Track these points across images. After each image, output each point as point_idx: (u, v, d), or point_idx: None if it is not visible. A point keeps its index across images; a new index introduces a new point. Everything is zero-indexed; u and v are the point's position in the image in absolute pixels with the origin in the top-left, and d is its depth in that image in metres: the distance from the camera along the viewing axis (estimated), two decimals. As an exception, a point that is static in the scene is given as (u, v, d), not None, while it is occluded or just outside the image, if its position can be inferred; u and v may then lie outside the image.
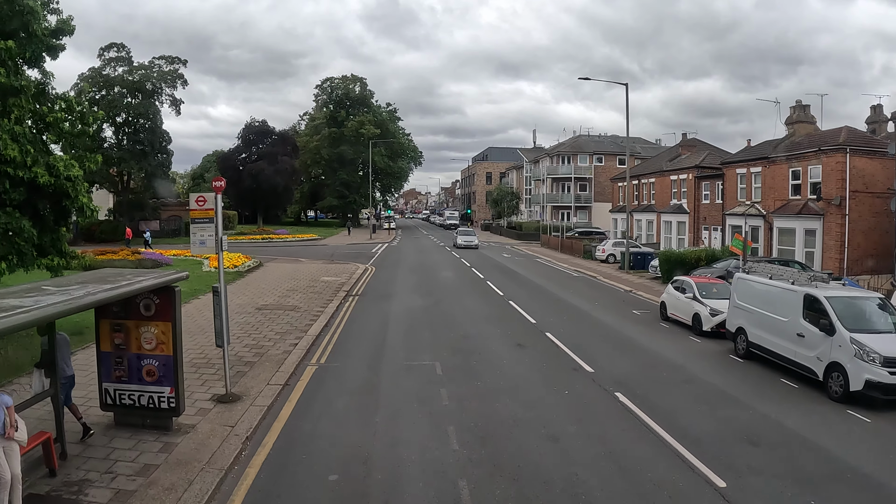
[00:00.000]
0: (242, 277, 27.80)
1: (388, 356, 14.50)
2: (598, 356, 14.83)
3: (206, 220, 10.97)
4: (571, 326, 18.52)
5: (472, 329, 17.67)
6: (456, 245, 50.85)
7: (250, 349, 14.77)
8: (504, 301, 23.03)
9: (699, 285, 19.20)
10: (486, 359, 14.28)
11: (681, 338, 17.76)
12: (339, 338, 16.42)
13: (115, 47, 53.23)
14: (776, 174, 32.58)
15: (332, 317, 19.28)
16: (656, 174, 45.93)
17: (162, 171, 53.38)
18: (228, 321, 11.36)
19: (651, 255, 36.00)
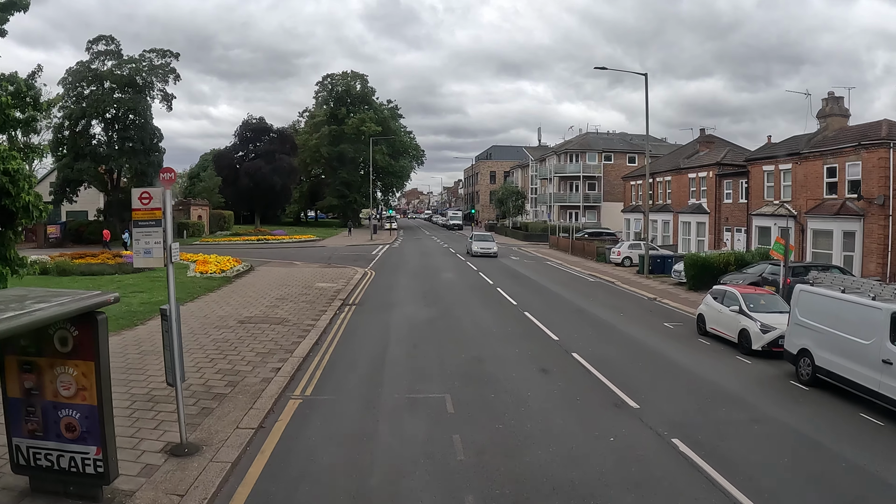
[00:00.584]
0: (229, 283, 25.36)
1: (387, 385, 12.05)
2: (639, 385, 12.38)
3: (152, 223, 8.52)
4: (600, 344, 16.07)
5: (485, 348, 15.21)
6: (471, 253, 42.72)
7: (223, 376, 12.32)
8: (518, 312, 20.57)
9: (745, 296, 16.73)
10: (505, 389, 11.82)
11: (727, 358, 15.31)
12: (330, 359, 13.97)
13: (104, 40, 50.77)
14: (809, 171, 30.09)
15: (325, 332, 16.84)
16: (673, 172, 43.43)
17: (153, 169, 50.86)
18: (182, 353, 8.89)
19: (671, 258, 33.58)
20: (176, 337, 8.64)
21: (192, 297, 21.52)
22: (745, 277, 25.01)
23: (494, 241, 45.33)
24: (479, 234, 47.42)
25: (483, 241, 44.35)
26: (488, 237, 46.16)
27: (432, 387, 11.90)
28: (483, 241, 44.14)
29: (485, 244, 43.39)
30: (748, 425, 10.50)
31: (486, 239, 45.10)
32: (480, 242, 43.84)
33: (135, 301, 20.16)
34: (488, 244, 43.48)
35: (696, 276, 26.89)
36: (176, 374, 8.69)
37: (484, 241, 44.38)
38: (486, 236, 46.47)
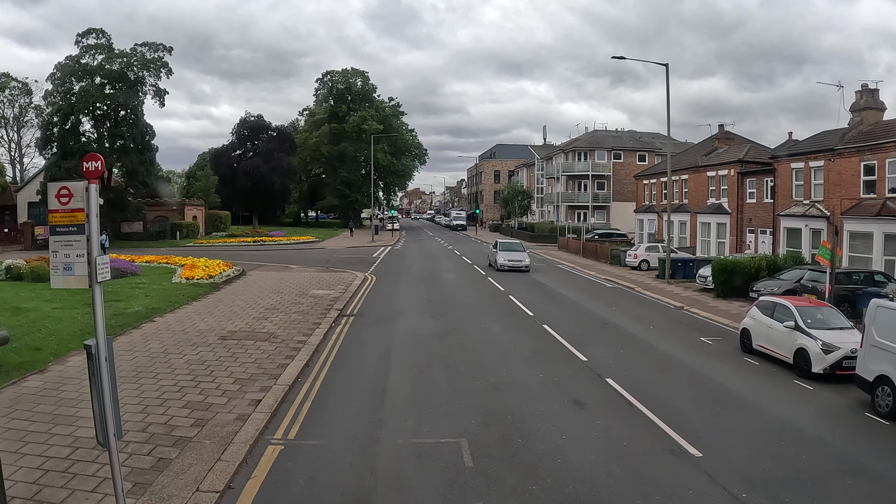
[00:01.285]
0: (217, 291, 23.20)
1: (388, 424, 9.88)
2: (693, 423, 10.22)
3: (72, 230, 6.34)
4: (635, 366, 13.89)
5: (503, 372, 13.04)
6: (496, 266, 33.75)
7: (191, 411, 10.17)
8: (536, 324, 18.39)
9: (801, 310, 14.55)
10: (533, 431, 9.65)
11: (784, 383, 13.16)
12: (321, 389, 11.81)
13: (94, 33, 48.72)
14: (843, 169, 27.89)
15: (317, 350, 14.68)
16: (690, 170, 41.22)
17: (145, 168, 48.81)
18: (116, 402, 6.71)
19: (693, 262, 31.38)
20: (107, 382, 6.47)
21: (172, 307, 19.38)
22: (781, 284, 22.85)
23: (526, 251, 35.39)
24: (506, 243, 37.16)
25: (511, 250, 34.71)
26: (516, 246, 36.12)
27: (444, 427, 9.73)
28: (511, 252, 34.40)
29: (514, 255, 33.94)
30: (840, 478, 8.39)
31: (515, 248, 35.30)
32: (508, 253, 34.19)
33: (107, 312, 17.84)
34: (518, 255, 33.98)
35: (725, 281, 24.70)
36: (109, 431, 6.53)
37: (512, 250, 34.72)
38: (513, 245, 36.37)
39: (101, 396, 6.45)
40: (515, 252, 34.51)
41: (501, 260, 33.57)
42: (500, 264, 33.39)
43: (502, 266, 33.17)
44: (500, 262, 33.51)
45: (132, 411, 10.10)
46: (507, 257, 33.72)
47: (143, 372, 12.32)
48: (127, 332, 15.92)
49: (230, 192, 70.14)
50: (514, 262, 33.40)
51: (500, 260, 33.64)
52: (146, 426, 9.49)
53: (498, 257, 33.95)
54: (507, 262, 33.41)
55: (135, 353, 13.78)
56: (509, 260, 33.50)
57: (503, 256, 33.82)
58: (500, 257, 33.83)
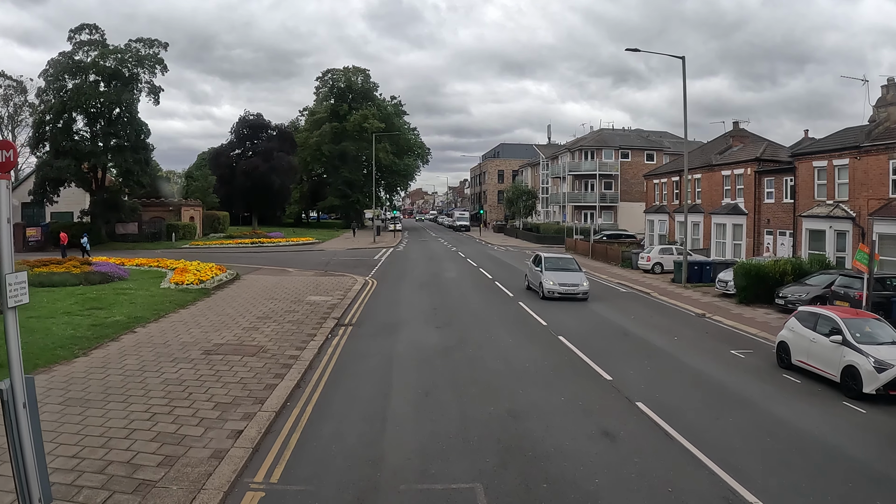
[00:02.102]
0: (207, 297, 21.76)
1: (390, 465, 8.42)
2: (745, 459, 8.75)
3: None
4: (665, 386, 12.41)
5: (520, 395, 11.56)
6: (542, 292, 23.59)
7: (160, 445, 8.73)
8: (551, 336, 16.91)
9: (848, 322, 13.07)
10: (561, 472, 8.18)
11: (834, 406, 11.69)
12: (312, 415, 10.35)
13: (88, 29, 47.38)
14: (870, 167, 26.34)
15: (310, 367, 13.23)
16: (703, 169, 39.68)
17: (140, 167, 47.41)
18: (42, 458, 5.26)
19: (709, 265, 29.91)
20: (27, 436, 5.03)
21: (156, 316, 17.95)
22: (809, 290, 21.39)
23: (582, 270, 25.35)
24: (554, 258, 25.85)
25: (562, 269, 24.53)
26: (568, 263, 25.44)
27: (454, 468, 8.26)
28: (563, 273, 24.15)
29: (567, 278, 23.73)
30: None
31: (567, 266, 24.97)
32: (559, 274, 23.94)
33: (85, 322, 16.63)
34: (572, 277, 23.85)
35: (749, 287, 23.20)
36: (31, 498, 5.08)
37: (564, 269, 24.55)
38: (563, 261, 25.57)
39: (17, 455, 5.01)
40: (568, 272, 24.12)
41: (550, 284, 23.26)
42: (549, 290, 23.14)
43: (550, 293, 23.07)
44: (547, 286, 23.25)
45: (91, 445, 8.69)
46: (557, 280, 23.37)
47: (112, 394, 10.91)
48: (103, 345, 14.52)
49: (229, 192, 68.78)
50: (569, 287, 23.13)
51: (547, 284, 23.30)
52: (105, 465, 8.07)
53: (544, 280, 23.49)
54: (558, 287, 23.12)
55: (108, 371, 12.37)
56: (561, 284, 23.17)
57: (552, 279, 23.42)
58: (548, 280, 23.40)
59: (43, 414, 9.83)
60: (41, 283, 23.01)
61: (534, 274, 25.37)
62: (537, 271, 24.80)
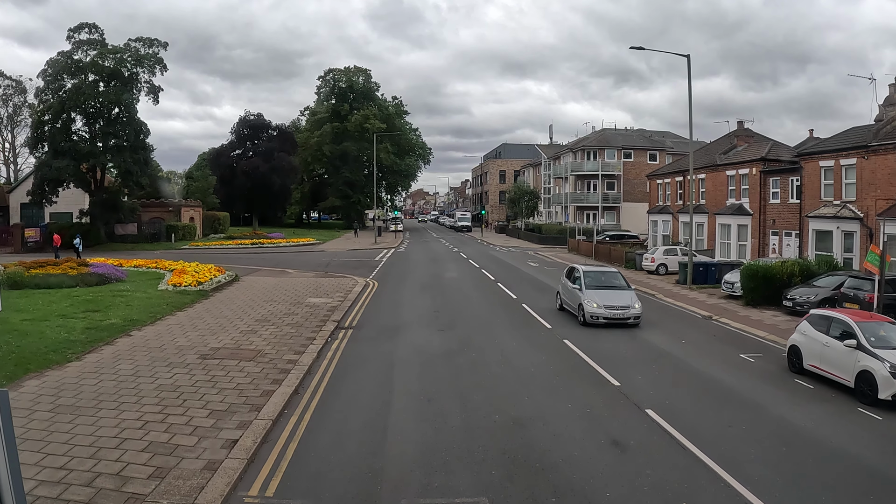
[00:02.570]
0: (205, 299, 21.41)
1: (391, 477, 8.05)
2: (761, 471, 8.38)
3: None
4: (676, 393, 12.04)
5: (525, 401, 11.18)
6: (584, 317, 18.48)
7: (152, 456, 8.38)
8: (556, 339, 16.54)
9: (862, 326, 12.69)
10: (569, 485, 7.81)
11: (849, 412, 11.30)
12: (310, 423, 9.99)
13: (87, 28, 47.02)
14: (879, 167, 25.95)
15: (309, 373, 12.87)
16: (707, 169, 39.29)
17: (139, 167, 47.07)
18: (19, 477, 4.88)
19: (715, 266, 29.54)
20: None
21: (153, 319, 17.61)
22: (818, 292, 21.00)
23: (631, 288, 20.24)
24: (595, 272, 20.85)
25: (607, 286, 19.53)
26: (613, 278, 20.28)
27: (459, 481, 7.89)
28: (609, 291, 19.17)
29: (615, 298, 18.72)
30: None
31: (612, 283, 19.90)
32: (604, 293, 18.92)
33: (80, 325, 16.26)
34: (622, 297, 18.85)
35: (756, 289, 22.81)
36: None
37: (609, 286, 19.55)
38: (607, 276, 20.45)
39: None
40: (615, 291, 19.13)
41: (593, 307, 18.19)
42: (591, 315, 18.13)
43: (593, 318, 18.11)
44: (590, 309, 18.21)
45: (80, 456, 8.33)
46: (602, 301, 18.31)
47: (105, 400, 10.56)
48: (97, 349, 14.17)
49: (229, 192, 68.49)
50: (617, 311, 18.18)
51: (589, 306, 18.24)
52: (93, 478, 7.72)
53: (585, 301, 18.41)
54: (603, 310, 18.10)
55: (101, 376, 12.02)
56: (608, 307, 18.16)
57: (595, 300, 18.34)
58: (590, 301, 18.32)
59: (32, 422, 9.56)
60: (37, 284, 22.70)
61: (570, 293, 20.07)
62: (574, 290, 19.49)
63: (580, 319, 18.69)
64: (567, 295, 20.60)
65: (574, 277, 20.43)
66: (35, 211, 51.28)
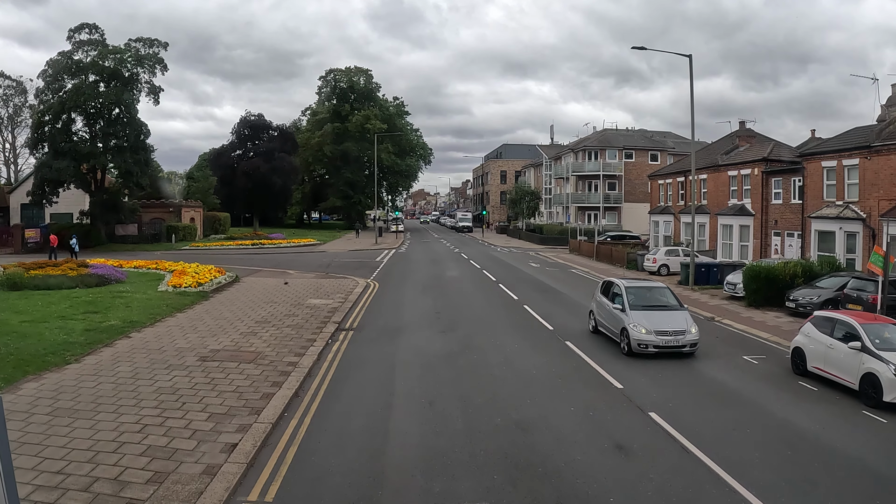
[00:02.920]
0: (205, 301, 21.33)
1: (392, 482, 7.96)
2: (765, 473, 8.30)
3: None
4: (679, 395, 11.93)
5: (527, 404, 11.08)
6: (630, 343, 14.78)
7: (150, 460, 8.29)
8: (558, 341, 16.45)
9: (867, 328, 12.58)
10: (573, 491, 7.71)
11: (854, 415, 11.19)
12: (310, 427, 9.90)
13: (87, 28, 46.97)
14: (881, 167, 25.83)
15: (309, 375, 12.79)
16: (709, 169, 39.17)
17: (140, 168, 46.99)
18: (13, 486, 4.79)
19: (717, 267, 29.42)
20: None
21: (152, 321, 17.53)
22: (821, 293, 20.91)
23: (685, 308, 16.53)
24: (640, 287, 17.13)
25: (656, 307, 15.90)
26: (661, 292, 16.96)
27: (460, 486, 7.80)
28: (659, 312, 15.59)
29: (666, 320, 15.25)
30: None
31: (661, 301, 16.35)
32: (653, 315, 15.36)
33: (79, 327, 16.18)
34: (674, 319, 15.35)
35: (758, 290, 22.70)
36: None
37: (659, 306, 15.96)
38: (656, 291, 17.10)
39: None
40: (666, 311, 15.65)
41: (641, 333, 14.71)
42: (640, 342, 14.67)
43: (642, 346, 14.68)
44: (638, 336, 14.71)
45: (78, 460, 8.26)
46: (651, 324, 14.87)
47: (103, 403, 10.48)
48: (96, 351, 14.10)
49: (230, 192, 68.44)
50: (671, 337, 14.73)
51: (637, 332, 14.74)
52: (91, 483, 7.64)
53: (631, 326, 14.91)
54: (654, 337, 14.65)
55: (99, 379, 11.94)
56: (659, 332, 14.71)
57: (643, 324, 14.89)
58: (637, 326, 14.85)
59: (29, 425, 9.48)
60: (37, 285, 22.62)
61: (608, 314, 16.32)
62: (616, 310, 15.75)
63: (624, 348, 15.04)
64: (604, 315, 16.68)
65: (613, 294, 16.52)
66: (35, 211, 51.22)
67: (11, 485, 4.83)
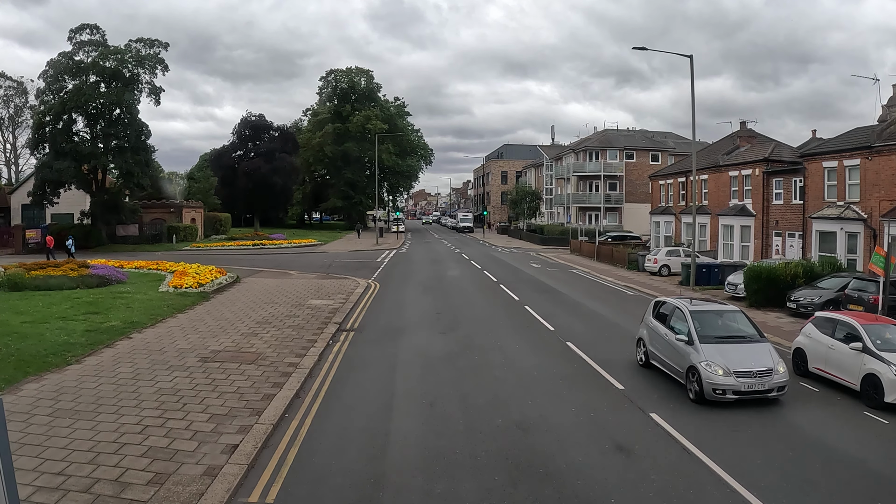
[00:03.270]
0: (206, 301, 21.33)
1: (393, 484, 7.95)
2: (766, 475, 8.28)
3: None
4: (680, 395, 11.89)
5: (529, 406, 11.07)
6: (702, 388, 11.22)
7: (151, 461, 8.29)
8: (559, 342, 16.43)
9: (868, 328, 12.57)
10: (573, 492, 7.71)
11: (854, 416, 11.18)
12: (311, 428, 9.91)
13: (88, 29, 47.03)
14: (882, 168, 25.81)
15: (310, 376, 12.78)
16: (710, 170, 39.15)
17: (141, 168, 47.01)
18: (14, 490, 4.80)
19: (718, 268, 29.41)
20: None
21: (153, 321, 17.54)
22: (822, 294, 20.90)
23: (766, 340, 12.81)
24: (708, 312, 13.28)
25: (732, 339, 12.48)
26: (734, 316, 13.51)
27: (462, 487, 7.80)
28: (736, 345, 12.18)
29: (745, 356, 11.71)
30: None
31: (735, 328, 13.07)
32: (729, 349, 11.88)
33: (80, 328, 16.18)
34: (755, 354, 11.83)
35: (760, 290, 22.70)
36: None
37: (735, 338, 12.55)
38: (728, 315, 13.53)
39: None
40: (744, 344, 12.39)
41: (718, 376, 11.27)
42: (717, 386, 11.23)
43: (719, 391, 11.24)
44: (713, 379, 11.26)
45: (79, 461, 8.26)
46: (729, 362, 11.47)
47: (104, 404, 10.48)
48: (97, 352, 14.09)
49: (231, 193, 68.49)
50: (755, 379, 11.39)
51: (714, 376, 11.28)
52: (91, 484, 7.64)
53: (704, 366, 11.43)
54: (733, 380, 11.24)
55: (100, 379, 11.94)
56: (739, 373, 11.32)
57: (719, 362, 11.45)
58: (712, 366, 11.40)
59: (30, 426, 9.48)
60: (37, 286, 22.62)
61: (667, 345, 12.84)
62: (679, 342, 12.25)
63: (692, 394, 11.53)
64: (660, 347, 13.14)
65: (673, 320, 13.13)
66: (36, 212, 51.26)
67: (12, 485, 4.83)
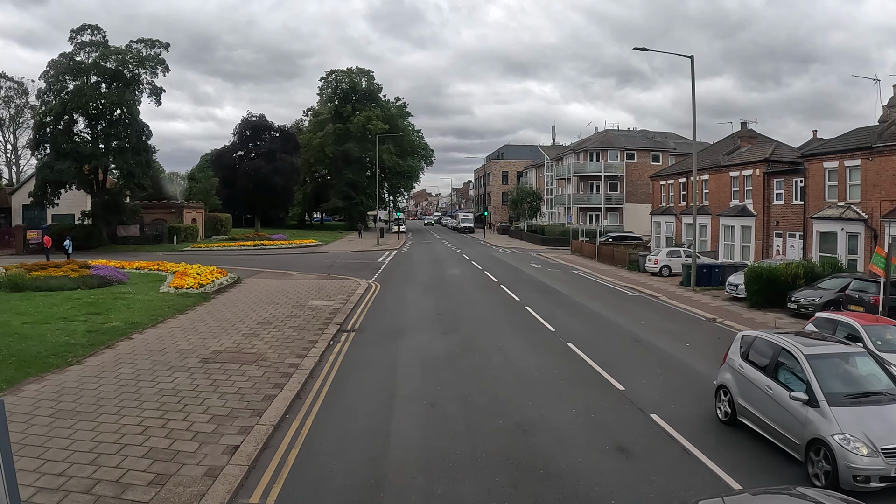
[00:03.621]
0: (206, 302, 21.34)
1: (394, 484, 7.96)
2: (766, 476, 8.27)
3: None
4: (681, 397, 11.91)
5: (529, 406, 11.07)
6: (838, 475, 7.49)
7: (152, 462, 8.30)
8: (560, 342, 16.42)
9: (868, 330, 12.57)
10: (574, 493, 7.71)
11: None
12: (312, 428, 9.92)
13: (89, 29, 47.05)
14: (883, 168, 25.81)
15: (311, 377, 12.79)
16: (711, 170, 39.14)
17: (141, 169, 47.05)
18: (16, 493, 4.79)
19: (718, 268, 29.40)
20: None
21: (154, 322, 17.55)
22: (823, 294, 20.89)
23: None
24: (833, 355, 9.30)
25: (872, 398, 8.44)
26: (863, 362, 9.33)
27: (462, 489, 7.80)
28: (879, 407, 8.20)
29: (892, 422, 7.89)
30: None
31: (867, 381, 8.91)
32: (873, 412, 8.08)
33: (81, 328, 16.18)
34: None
35: (760, 291, 22.69)
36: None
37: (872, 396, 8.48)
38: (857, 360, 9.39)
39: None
40: (886, 406, 8.28)
41: (861, 454, 7.49)
42: (859, 474, 7.44)
43: (862, 478, 7.43)
44: (857, 462, 7.47)
45: (80, 462, 8.26)
46: (878, 437, 7.64)
47: (105, 405, 10.49)
48: (98, 353, 14.10)
49: (232, 193, 68.53)
50: None
51: (853, 452, 7.50)
52: (92, 485, 7.64)
53: (839, 440, 7.67)
54: (882, 461, 7.44)
55: (101, 380, 11.94)
56: (888, 452, 7.48)
57: (863, 434, 7.66)
58: (853, 441, 7.60)
59: (31, 427, 9.48)
60: (38, 287, 22.63)
61: (771, 402, 9.24)
62: (795, 402, 8.64)
63: (819, 475, 7.98)
64: (759, 402, 9.54)
65: (772, 366, 9.61)
66: (37, 212, 51.33)
67: (13, 486, 4.83)
